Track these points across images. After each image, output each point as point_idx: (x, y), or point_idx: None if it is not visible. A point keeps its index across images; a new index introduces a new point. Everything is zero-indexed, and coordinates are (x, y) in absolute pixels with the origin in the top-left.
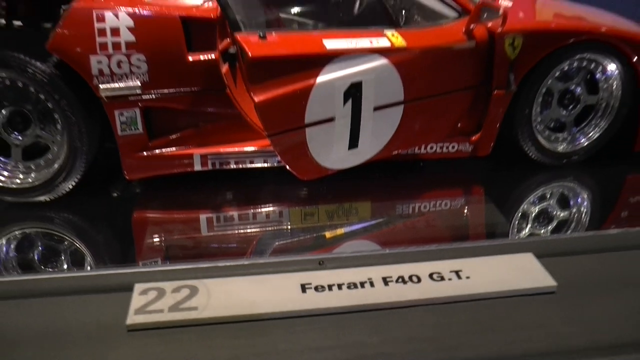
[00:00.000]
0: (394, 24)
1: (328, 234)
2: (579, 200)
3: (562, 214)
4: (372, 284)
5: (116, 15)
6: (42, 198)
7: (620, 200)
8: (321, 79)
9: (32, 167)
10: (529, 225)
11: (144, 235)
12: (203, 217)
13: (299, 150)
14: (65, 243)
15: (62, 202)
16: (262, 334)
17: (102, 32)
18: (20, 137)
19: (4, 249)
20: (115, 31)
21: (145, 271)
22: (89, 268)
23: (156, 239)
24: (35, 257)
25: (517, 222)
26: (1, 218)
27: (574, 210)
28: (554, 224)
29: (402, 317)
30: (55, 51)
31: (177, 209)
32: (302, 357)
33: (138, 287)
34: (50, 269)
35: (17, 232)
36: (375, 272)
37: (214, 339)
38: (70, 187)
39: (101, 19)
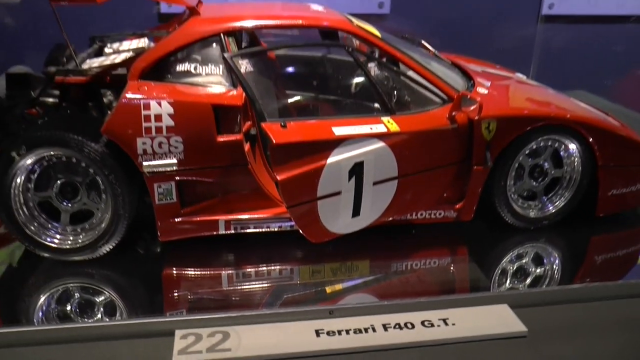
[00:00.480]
0: (385, 105)
1: (335, 288)
2: (550, 258)
3: (534, 271)
4: (374, 330)
5: (159, 104)
6: (84, 257)
7: (586, 259)
8: (331, 160)
9: (79, 230)
10: (506, 280)
11: (175, 289)
12: (224, 273)
13: (311, 218)
14: (107, 295)
15: (97, 259)
16: None
17: (147, 118)
18: (70, 205)
19: (50, 301)
20: (158, 117)
21: (183, 319)
22: (132, 317)
23: (186, 292)
24: (82, 308)
25: (496, 278)
26: (47, 274)
27: (546, 267)
28: (528, 279)
29: (399, 357)
30: (108, 134)
31: (200, 266)
32: None
33: (178, 333)
34: (98, 318)
35: (65, 286)
36: (377, 320)
37: None
38: (111, 247)
39: (147, 107)
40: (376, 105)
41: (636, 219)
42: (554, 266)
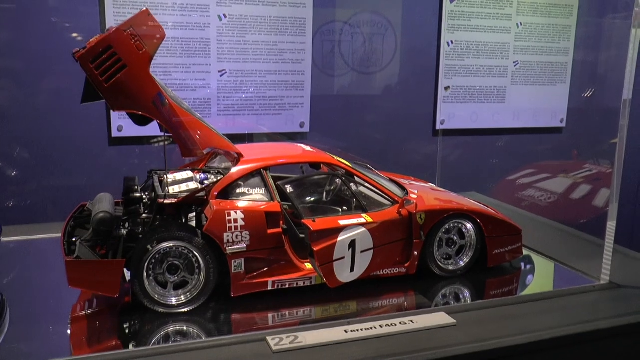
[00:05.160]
0: (362, 207)
1: (346, 311)
2: (463, 291)
3: (456, 297)
4: (372, 328)
5: (236, 212)
6: (185, 309)
7: (485, 291)
8: (339, 238)
9: (180, 292)
10: (439, 302)
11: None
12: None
13: (330, 272)
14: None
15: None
16: None
17: (229, 221)
18: (175, 277)
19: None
20: (235, 220)
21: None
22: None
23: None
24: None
25: (433, 302)
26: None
27: (460, 296)
28: (452, 301)
29: (378, 343)
30: (208, 232)
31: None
32: None
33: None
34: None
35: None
36: (366, 325)
37: None
38: (203, 301)
39: (229, 214)
40: (356, 205)
41: (510, 268)
42: (464, 294)
